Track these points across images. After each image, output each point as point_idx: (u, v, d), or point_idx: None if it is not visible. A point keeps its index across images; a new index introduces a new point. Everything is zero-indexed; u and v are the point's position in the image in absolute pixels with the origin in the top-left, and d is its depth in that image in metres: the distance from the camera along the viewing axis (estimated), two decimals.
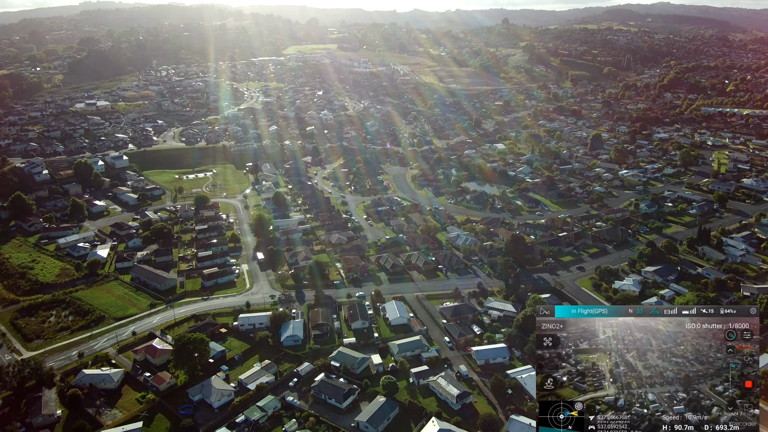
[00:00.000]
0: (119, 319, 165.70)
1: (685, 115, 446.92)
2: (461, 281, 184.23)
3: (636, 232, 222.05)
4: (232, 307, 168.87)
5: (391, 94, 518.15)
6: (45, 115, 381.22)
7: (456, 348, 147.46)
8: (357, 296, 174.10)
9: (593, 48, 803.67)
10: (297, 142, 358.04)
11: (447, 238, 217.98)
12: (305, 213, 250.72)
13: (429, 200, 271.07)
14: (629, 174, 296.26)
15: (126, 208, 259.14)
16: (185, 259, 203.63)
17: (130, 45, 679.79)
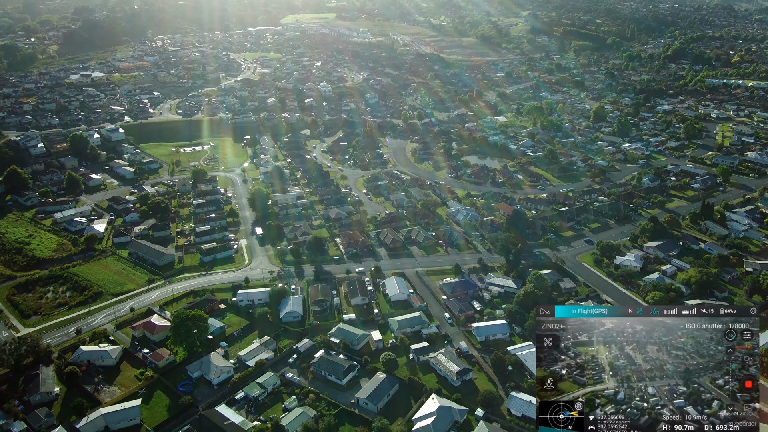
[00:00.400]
0: (117, 294, 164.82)
1: (689, 87, 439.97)
2: (462, 257, 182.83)
3: (638, 206, 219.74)
4: (231, 282, 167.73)
5: (391, 65, 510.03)
6: (40, 87, 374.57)
7: (456, 324, 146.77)
8: (356, 272, 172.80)
9: (597, 17, 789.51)
10: (296, 115, 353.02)
11: (447, 213, 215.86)
12: (304, 187, 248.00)
13: (429, 174, 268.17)
14: (632, 147, 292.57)
15: (123, 182, 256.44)
16: (183, 233, 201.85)
17: (125, 14, 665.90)
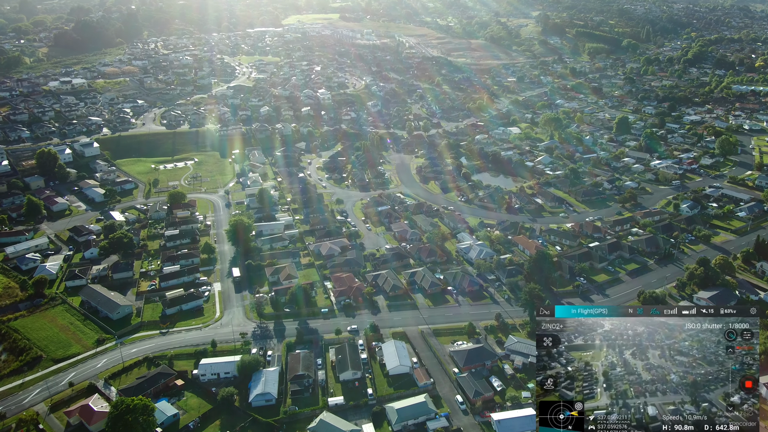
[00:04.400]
0: (59, 360, 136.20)
1: (715, 94, 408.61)
2: (475, 309, 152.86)
3: (679, 241, 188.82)
4: (195, 346, 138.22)
5: (396, 68, 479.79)
6: (14, 96, 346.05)
7: (471, 411, 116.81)
8: (348, 331, 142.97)
9: (610, 18, 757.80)
10: (291, 125, 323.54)
11: (457, 248, 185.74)
12: (294, 213, 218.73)
13: (436, 197, 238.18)
14: (663, 165, 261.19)
15: (92, 206, 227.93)
16: (148, 275, 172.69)
17: (122, 15, 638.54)
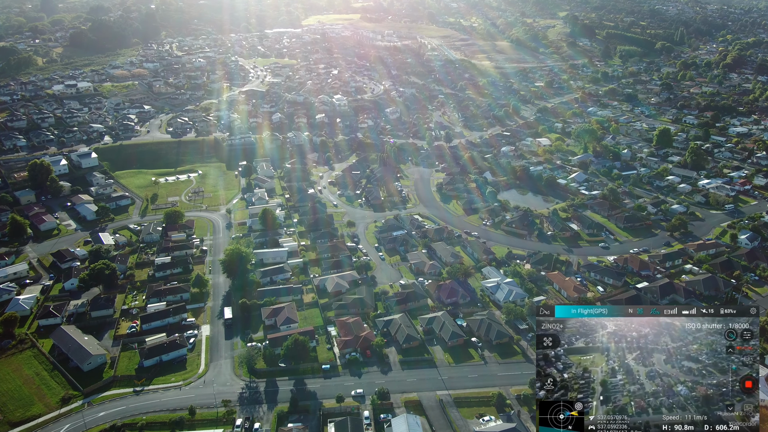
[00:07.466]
0: (16, 424, 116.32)
1: (760, 103, 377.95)
2: (505, 369, 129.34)
3: (742, 283, 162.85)
4: (172, 411, 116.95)
5: (417, 72, 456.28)
6: (15, 100, 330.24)
7: None
8: (353, 396, 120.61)
9: (641, 19, 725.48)
10: (303, 134, 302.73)
11: (483, 287, 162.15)
12: (300, 237, 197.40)
13: (459, 220, 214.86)
14: (713, 186, 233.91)
15: (82, 225, 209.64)
16: (129, 313, 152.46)
17: (140, 15, 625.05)
